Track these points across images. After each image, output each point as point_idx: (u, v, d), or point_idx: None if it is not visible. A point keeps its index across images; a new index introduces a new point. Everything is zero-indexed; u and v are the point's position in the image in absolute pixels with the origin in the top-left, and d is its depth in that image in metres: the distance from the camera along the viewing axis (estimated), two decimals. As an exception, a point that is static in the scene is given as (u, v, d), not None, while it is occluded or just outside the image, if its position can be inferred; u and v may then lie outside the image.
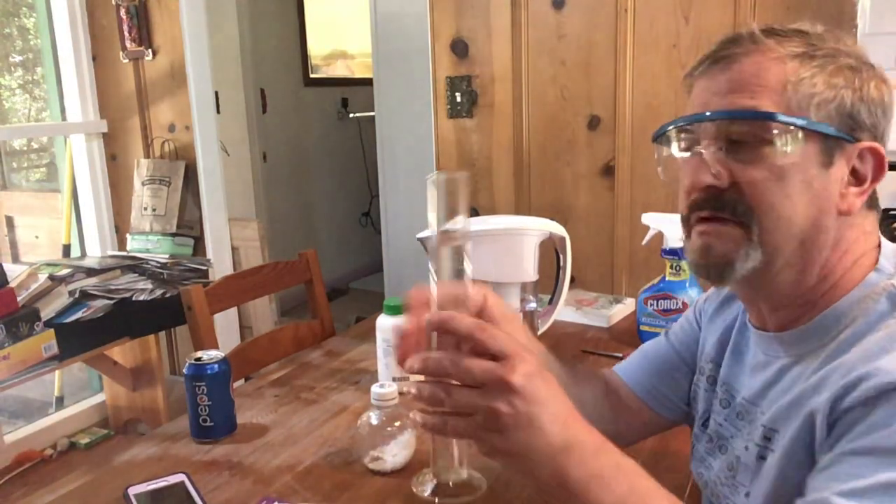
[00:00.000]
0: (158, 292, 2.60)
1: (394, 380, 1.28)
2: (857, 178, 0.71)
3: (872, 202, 0.73)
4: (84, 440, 2.81)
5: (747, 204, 0.70)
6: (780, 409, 0.71)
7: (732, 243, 0.71)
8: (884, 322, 0.66)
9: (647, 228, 1.53)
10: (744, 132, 0.70)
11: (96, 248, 3.15)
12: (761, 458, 0.72)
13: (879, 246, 0.74)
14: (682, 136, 0.76)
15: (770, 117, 0.68)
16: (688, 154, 0.75)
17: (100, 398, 2.98)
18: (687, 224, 0.77)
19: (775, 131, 0.68)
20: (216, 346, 1.50)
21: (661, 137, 0.79)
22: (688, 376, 0.96)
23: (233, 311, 3.05)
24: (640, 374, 1.01)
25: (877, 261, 0.72)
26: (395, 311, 1.32)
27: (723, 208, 0.71)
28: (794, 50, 0.70)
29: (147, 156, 3.09)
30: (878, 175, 0.72)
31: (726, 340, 0.88)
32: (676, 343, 0.99)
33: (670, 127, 0.76)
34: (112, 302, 2.49)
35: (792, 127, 0.68)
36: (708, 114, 0.71)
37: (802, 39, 0.71)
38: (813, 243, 0.70)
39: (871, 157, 0.71)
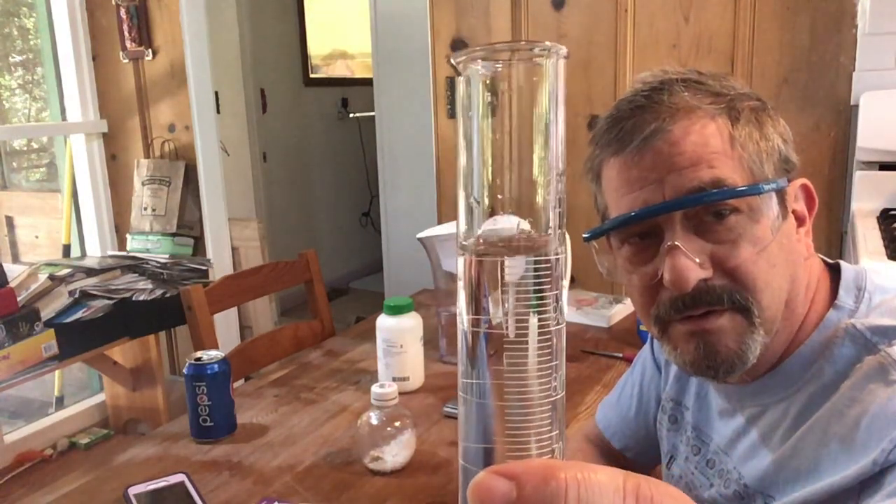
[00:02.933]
0: (158, 292, 2.60)
1: (394, 380, 1.28)
2: (797, 218, 0.68)
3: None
4: (84, 440, 2.80)
5: (743, 287, 0.63)
6: (768, 473, 0.66)
7: (737, 334, 0.64)
8: (853, 367, 0.62)
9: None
10: (715, 209, 0.62)
11: (96, 248, 3.15)
12: None
13: (828, 269, 0.71)
14: (630, 228, 0.66)
15: (757, 190, 0.62)
16: (641, 247, 0.66)
17: (100, 398, 2.98)
18: (662, 323, 0.67)
19: (752, 202, 0.62)
20: (216, 346, 1.50)
21: (601, 235, 0.69)
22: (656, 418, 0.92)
23: (233, 311, 3.05)
24: (616, 422, 0.98)
25: (832, 293, 0.68)
26: (395, 310, 1.32)
27: (719, 301, 0.63)
28: (709, 102, 0.64)
29: (147, 156, 3.09)
30: (812, 209, 0.69)
31: (685, 378, 0.84)
32: (645, 384, 0.94)
33: (625, 221, 0.65)
34: (112, 302, 2.49)
35: (764, 193, 0.62)
36: (689, 197, 0.62)
37: (702, 87, 0.66)
38: (794, 300, 0.66)
39: (802, 194, 0.69)
